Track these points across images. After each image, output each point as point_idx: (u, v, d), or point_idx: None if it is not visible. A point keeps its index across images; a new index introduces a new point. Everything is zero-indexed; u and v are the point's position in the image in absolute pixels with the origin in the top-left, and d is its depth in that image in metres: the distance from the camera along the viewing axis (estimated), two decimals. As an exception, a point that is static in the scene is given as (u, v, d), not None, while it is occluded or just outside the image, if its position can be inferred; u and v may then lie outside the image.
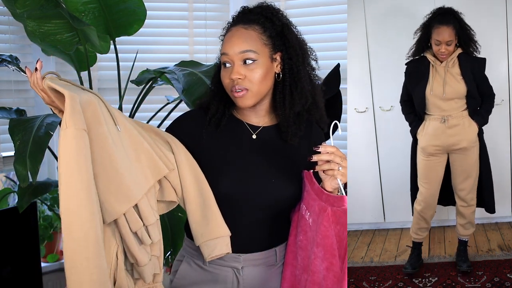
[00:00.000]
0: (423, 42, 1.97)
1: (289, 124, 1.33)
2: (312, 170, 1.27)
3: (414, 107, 2.05)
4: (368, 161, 2.49)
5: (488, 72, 2.02)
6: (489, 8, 2.26)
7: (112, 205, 1.11)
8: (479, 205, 2.07)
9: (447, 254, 2.12)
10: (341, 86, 1.96)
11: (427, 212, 2.04)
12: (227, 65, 1.28)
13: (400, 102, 2.10)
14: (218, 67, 1.37)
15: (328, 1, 2.49)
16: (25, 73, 1.11)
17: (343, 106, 1.99)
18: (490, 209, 2.07)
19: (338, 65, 1.96)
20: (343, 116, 2.03)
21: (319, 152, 1.18)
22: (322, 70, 1.44)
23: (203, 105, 1.40)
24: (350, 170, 1.21)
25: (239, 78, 1.26)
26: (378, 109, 2.43)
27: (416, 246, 2.11)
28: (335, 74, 1.95)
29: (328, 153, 1.16)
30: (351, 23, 2.26)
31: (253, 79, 1.26)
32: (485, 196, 2.04)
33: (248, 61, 1.26)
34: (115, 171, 1.11)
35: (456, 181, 2.01)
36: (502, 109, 2.34)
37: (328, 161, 1.17)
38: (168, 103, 2.24)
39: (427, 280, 2.00)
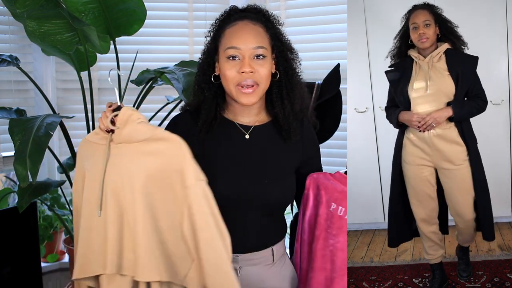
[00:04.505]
0: (404, 40, 1.78)
1: (290, 122, 1.35)
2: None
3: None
4: (368, 161, 2.49)
5: (488, 72, 2.00)
6: (489, 7, 2.26)
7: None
8: (477, 229, 1.82)
9: (447, 254, 2.12)
10: (341, 86, 1.96)
11: (427, 228, 1.83)
12: (235, 58, 1.27)
13: (385, 108, 1.87)
14: (207, 65, 1.35)
15: (328, 1, 2.49)
16: (26, 74, 1.11)
17: (343, 106, 1.98)
18: (489, 236, 1.80)
19: (338, 65, 1.96)
20: (343, 116, 2.02)
21: None
22: (322, 70, 1.45)
23: (190, 108, 1.38)
24: (350, 170, 1.21)
25: (251, 72, 1.25)
26: (378, 109, 2.43)
27: (435, 268, 1.89)
28: (335, 74, 1.95)
29: None
30: (351, 23, 2.25)
31: (263, 75, 1.27)
32: (484, 223, 1.77)
33: (260, 57, 1.27)
34: None
35: (450, 201, 1.80)
36: (502, 109, 2.34)
37: None
38: (168, 103, 2.23)
39: (427, 280, 2.00)
